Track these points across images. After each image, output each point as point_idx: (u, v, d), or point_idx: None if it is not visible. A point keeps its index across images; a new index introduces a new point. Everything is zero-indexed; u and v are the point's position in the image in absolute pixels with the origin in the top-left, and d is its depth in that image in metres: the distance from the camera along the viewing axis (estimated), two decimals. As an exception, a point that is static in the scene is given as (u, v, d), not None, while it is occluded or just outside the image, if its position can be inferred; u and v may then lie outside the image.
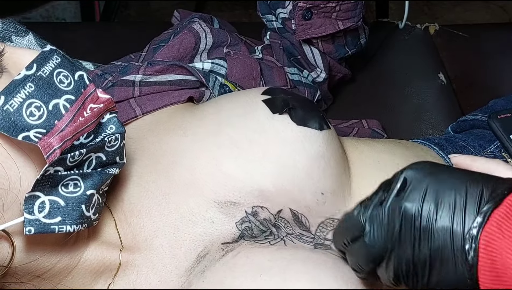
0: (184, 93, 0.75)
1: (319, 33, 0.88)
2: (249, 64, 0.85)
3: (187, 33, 0.83)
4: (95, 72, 0.81)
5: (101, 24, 1.60)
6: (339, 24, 0.88)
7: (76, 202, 0.52)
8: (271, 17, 0.94)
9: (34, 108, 0.49)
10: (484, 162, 0.61)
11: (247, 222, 0.60)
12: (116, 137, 0.56)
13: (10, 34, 0.80)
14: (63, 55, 0.54)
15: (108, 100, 0.56)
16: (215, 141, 0.63)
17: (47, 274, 0.55)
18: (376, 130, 0.95)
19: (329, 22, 0.88)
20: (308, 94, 0.92)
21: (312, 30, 0.88)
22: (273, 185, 0.61)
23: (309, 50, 0.92)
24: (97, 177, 0.55)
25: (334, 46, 0.93)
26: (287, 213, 0.62)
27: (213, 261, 0.57)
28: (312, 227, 0.62)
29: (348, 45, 0.94)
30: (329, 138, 0.65)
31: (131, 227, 0.61)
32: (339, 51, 0.94)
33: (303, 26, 0.87)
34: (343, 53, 0.95)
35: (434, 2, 1.98)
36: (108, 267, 0.59)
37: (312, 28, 0.88)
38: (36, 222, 0.49)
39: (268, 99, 0.66)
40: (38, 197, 0.50)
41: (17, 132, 0.48)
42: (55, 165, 0.50)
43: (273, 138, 0.63)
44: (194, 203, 0.61)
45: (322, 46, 0.92)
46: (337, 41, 0.92)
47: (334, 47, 0.93)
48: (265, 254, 0.56)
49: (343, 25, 0.89)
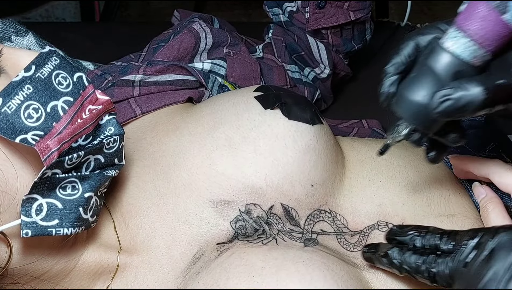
0: (183, 93, 0.76)
1: (331, 23, 0.90)
2: (249, 64, 0.85)
3: (187, 33, 0.83)
4: (95, 72, 0.81)
5: (101, 24, 1.60)
6: (351, 14, 0.90)
7: (74, 204, 0.52)
8: (277, 10, 0.95)
9: (32, 110, 0.49)
10: (483, 162, 0.62)
11: (241, 220, 0.61)
12: (115, 138, 0.56)
13: (10, 34, 0.80)
14: (62, 56, 0.53)
15: (107, 101, 0.56)
16: (211, 140, 0.63)
17: (45, 276, 0.55)
18: (376, 130, 0.95)
19: (341, 12, 0.90)
20: (307, 93, 0.92)
21: (324, 19, 0.90)
22: (265, 181, 0.62)
23: (315, 44, 0.93)
24: (95, 179, 0.54)
25: (342, 39, 0.94)
26: (279, 208, 0.62)
27: (208, 262, 0.58)
28: (301, 220, 0.63)
29: (355, 39, 0.96)
30: (321, 132, 0.65)
31: (129, 228, 0.62)
32: (346, 45, 0.95)
33: (316, 14, 0.89)
34: (350, 47, 0.96)
35: (434, 2, 1.98)
36: (106, 269, 0.59)
37: (325, 18, 0.90)
38: (33, 225, 0.49)
39: (260, 95, 0.66)
40: (35, 200, 0.50)
41: (15, 134, 0.48)
42: (52, 167, 0.50)
43: (265, 133, 0.63)
44: (191, 203, 0.61)
45: (332, 38, 0.92)
46: (345, 35, 0.94)
47: (342, 40, 0.94)
48: (258, 255, 0.57)
49: (354, 16, 0.90)
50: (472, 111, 0.47)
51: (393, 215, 0.65)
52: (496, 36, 0.46)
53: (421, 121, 0.51)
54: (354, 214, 0.65)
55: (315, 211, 0.63)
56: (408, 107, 0.51)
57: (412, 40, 0.53)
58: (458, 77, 0.48)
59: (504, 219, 0.59)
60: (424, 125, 0.51)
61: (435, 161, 0.58)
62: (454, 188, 0.68)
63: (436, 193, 0.67)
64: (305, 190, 0.63)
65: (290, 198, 0.62)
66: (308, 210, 0.63)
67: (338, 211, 0.64)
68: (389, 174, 0.68)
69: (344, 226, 0.63)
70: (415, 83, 0.51)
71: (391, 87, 0.53)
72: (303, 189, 0.63)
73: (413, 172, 0.69)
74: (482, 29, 0.46)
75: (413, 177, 0.68)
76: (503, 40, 0.47)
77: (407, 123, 0.53)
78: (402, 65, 0.53)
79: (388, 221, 0.64)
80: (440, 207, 0.66)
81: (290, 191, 0.62)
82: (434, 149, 0.58)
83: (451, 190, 0.68)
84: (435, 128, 0.52)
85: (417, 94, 0.50)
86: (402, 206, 0.65)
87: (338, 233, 0.63)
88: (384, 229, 0.63)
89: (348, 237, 0.63)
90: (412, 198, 0.66)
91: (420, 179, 0.68)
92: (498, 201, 0.62)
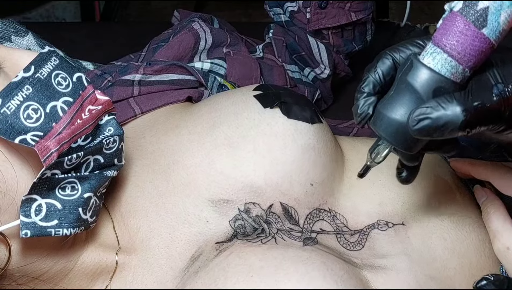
0: (183, 93, 0.76)
1: (332, 23, 0.91)
2: (249, 64, 0.85)
3: (187, 33, 0.83)
4: (95, 72, 0.81)
5: (101, 24, 1.60)
6: (352, 15, 0.91)
7: (73, 205, 0.52)
8: (278, 10, 0.95)
9: (32, 110, 0.49)
10: (484, 166, 0.62)
11: (240, 219, 0.61)
12: (114, 139, 0.56)
13: (9, 34, 0.80)
14: (61, 56, 0.53)
15: (107, 101, 0.55)
16: (210, 139, 0.63)
17: (44, 276, 0.55)
18: (376, 129, 0.95)
19: (342, 13, 0.90)
20: (307, 93, 0.92)
21: (326, 20, 0.90)
22: (264, 180, 0.61)
23: (316, 45, 0.93)
24: (94, 179, 0.54)
25: (342, 40, 0.94)
26: (278, 207, 0.62)
27: (206, 261, 0.58)
28: (300, 220, 0.63)
29: (356, 40, 0.96)
30: (320, 131, 0.65)
31: (128, 228, 0.62)
32: (347, 45, 0.96)
33: (318, 15, 0.90)
34: (351, 48, 0.96)
35: (435, 2, 1.97)
36: (105, 269, 0.59)
37: (326, 18, 0.90)
38: (33, 225, 0.49)
39: (259, 94, 0.66)
40: (35, 200, 0.50)
41: (14, 135, 0.48)
42: (52, 168, 0.50)
43: (264, 132, 0.63)
44: (190, 203, 0.61)
45: (333, 38, 0.92)
46: (346, 35, 0.94)
47: (343, 41, 0.95)
48: (256, 254, 0.57)
49: (355, 17, 0.91)
50: (450, 132, 0.45)
51: (393, 214, 0.65)
52: (475, 51, 0.44)
53: (401, 141, 0.49)
54: (354, 213, 0.65)
55: (314, 210, 0.63)
56: (387, 126, 0.48)
57: (388, 56, 0.51)
58: (438, 94, 0.46)
59: (505, 222, 0.59)
60: (404, 145, 0.49)
61: (407, 181, 0.57)
62: (455, 187, 0.68)
63: (437, 192, 0.67)
64: (305, 189, 0.63)
65: (289, 197, 0.62)
66: (308, 209, 0.63)
67: (338, 210, 0.64)
68: (389, 173, 0.68)
69: (343, 225, 0.63)
70: (394, 101, 0.48)
71: (368, 108, 0.50)
72: (302, 188, 0.63)
73: (413, 171, 0.69)
74: (460, 44, 0.44)
75: None
76: (483, 55, 0.45)
77: (387, 143, 0.50)
78: (378, 84, 0.51)
79: (388, 220, 0.64)
80: (441, 206, 0.66)
81: (289, 190, 0.62)
82: (405, 169, 0.56)
83: (452, 189, 0.68)
84: (416, 149, 0.50)
85: (395, 112, 0.47)
86: (402, 205, 0.65)
87: (338, 232, 0.63)
88: (384, 228, 0.63)
89: (348, 236, 0.63)
90: (412, 197, 0.66)
91: (421, 178, 0.68)
92: (499, 203, 0.62)
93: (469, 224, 0.65)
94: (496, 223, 0.60)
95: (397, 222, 0.64)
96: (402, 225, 0.64)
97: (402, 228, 0.64)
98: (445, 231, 0.64)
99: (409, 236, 0.63)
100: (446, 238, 0.64)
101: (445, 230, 0.64)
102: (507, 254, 0.58)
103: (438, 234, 0.64)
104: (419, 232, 0.64)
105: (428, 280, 0.60)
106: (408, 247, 0.62)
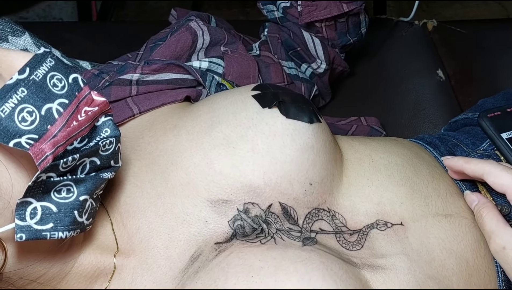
0: (181, 92, 0.75)
1: (324, 15, 0.90)
2: (247, 62, 0.85)
3: (184, 32, 0.83)
4: (92, 71, 0.81)
5: (98, 23, 1.60)
6: (344, 6, 0.90)
7: (69, 208, 0.52)
8: (271, 7, 0.95)
9: (26, 113, 0.49)
10: (477, 163, 0.63)
11: (239, 220, 0.61)
12: (111, 141, 0.56)
13: (6, 34, 0.80)
14: (57, 57, 0.53)
15: (103, 102, 0.55)
16: (208, 139, 0.63)
17: (41, 279, 0.55)
18: (375, 127, 0.95)
19: (333, 4, 0.89)
20: (304, 89, 0.92)
21: (317, 12, 0.89)
22: (263, 179, 0.61)
23: (311, 39, 0.92)
24: (90, 182, 0.54)
25: (336, 33, 0.94)
26: (277, 207, 0.62)
27: (206, 261, 0.57)
28: (299, 219, 0.63)
29: (350, 33, 0.95)
30: (319, 130, 0.65)
31: (126, 228, 0.61)
32: (341, 38, 0.95)
33: (308, 7, 0.89)
34: (345, 41, 0.96)
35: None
36: (103, 271, 0.59)
37: (317, 10, 0.89)
38: (28, 229, 0.49)
39: (258, 94, 0.66)
40: (30, 203, 0.49)
41: (9, 138, 0.47)
42: (47, 171, 0.49)
43: (263, 132, 0.63)
44: (189, 203, 0.61)
45: (326, 31, 0.92)
46: (339, 28, 0.93)
47: (337, 34, 0.94)
48: (256, 254, 0.57)
49: (347, 7, 0.90)
50: None
51: (392, 214, 0.65)
52: None
53: None
54: (353, 212, 0.64)
55: (313, 209, 0.63)
56: None
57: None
58: None
59: (498, 222, 0.61)
60: None
61: None
62: (451, 188, 0.69)
63: (434, 193, 0.68)
64: (304, 189, 0.63)
65: (288, 196, 0.62)
66: (307, 209, 0.63)
67: (337, 210, 0.64)
68: (387, 172, 0.68)
69: (343, 225, 0.63)
70: None
71: None
72: (301, 188, 0.63)
73: (411, 171, 0.69)
74: None
75: (411, 176, 0.69)
76: None
77: None
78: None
79: (386, 220, 0.64)
80: (438, 207, 0.66)
81: (288, 190, 0.62)
82: None
83: (448, 190, 0.69)
84: None
85: None
86: (400, 205, 0.65)
87: (337, 232, 0.63)
88: (383, 228, 0.63)
89: (347, 236, 0.63)
90: (410, 197, 0.66)
91: (418, 179, 0.69)
92: (490, 205, 0.64)
93: (465, 225, 0.66)
94: (490, 224, 0.61)
95: (396, 222, 0.64)
96: (400, 225, 0.64)
97: (401, 228, 0.64)
98: (442, 231, 0.65)
99: (407, 236, 0.63)
100: (443, 239, 0.64)
101: (442, 230, 0.65)
102: (503, 254, 0.59)
103: (436, 235, 0.64)
104: (418, 233, 0.64)
105: (427, 280, 0.61)
106: (407, 247, 0.62)
